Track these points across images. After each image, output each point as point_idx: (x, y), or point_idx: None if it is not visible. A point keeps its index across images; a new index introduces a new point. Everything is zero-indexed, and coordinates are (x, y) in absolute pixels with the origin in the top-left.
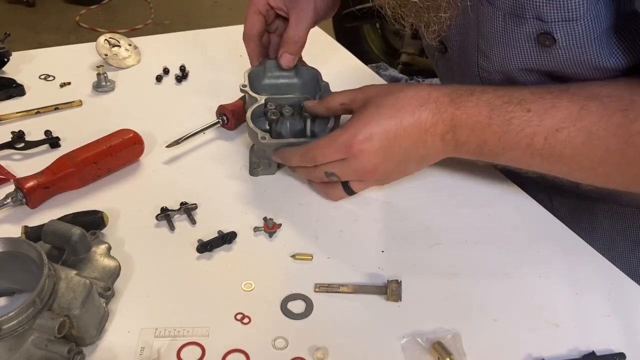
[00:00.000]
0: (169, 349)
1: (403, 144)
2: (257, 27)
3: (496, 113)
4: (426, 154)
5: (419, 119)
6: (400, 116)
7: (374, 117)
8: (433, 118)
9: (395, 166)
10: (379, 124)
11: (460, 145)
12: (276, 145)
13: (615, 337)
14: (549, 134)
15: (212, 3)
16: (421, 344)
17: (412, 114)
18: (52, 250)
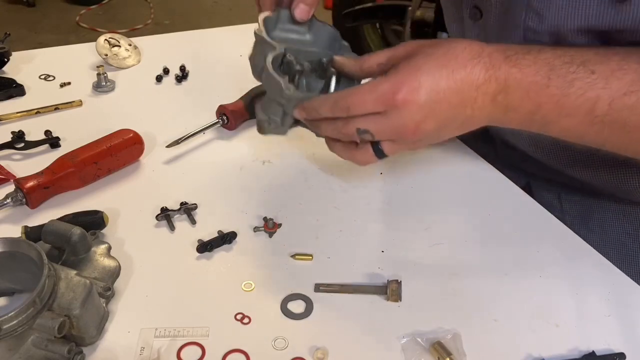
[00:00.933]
0: (169, 349)
1: (452, 99)
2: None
3: (556, 73)
4: (472, 117)
5: (472, 73)
6: (452, 66)
7: (423, 65)
8: (486, 74)
9: (437, 127)
10: (429, 72)
11: (510, 111)
12: (301, 99)
13: (615, 337)
14: (615, 98)
15: (212, 3)
16: (421, 344)
17: (465, 67)
18: (52, 250)
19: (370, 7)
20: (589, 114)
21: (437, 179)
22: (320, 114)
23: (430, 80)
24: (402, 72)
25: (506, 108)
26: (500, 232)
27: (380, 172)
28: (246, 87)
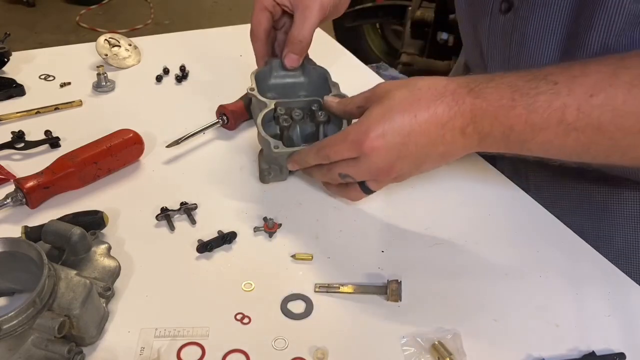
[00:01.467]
0: (169, 349)
1: (419, 141)
2: (263, 25)
3: (519, 93)
4: (446, 151)
5: (435, 113)
6: (414, 110)
7: (387, 112)
8: (450, 111)
9: (412, 165)
10: (392, 119)
11: (484, 137)
12: (289, 154)
13: (615, 337)
14: (582, 102)
15: (212, 3)
16: (421, 344)
17: (427, 108)
18: (52, 250)
19: (370, 7)
20: (561, 123)
21: (437, 179)
22: (308, 163)
23: (394, 126)
24: (367, 120)
25: (479, 136)
26: (500, 232)
27: None
28: (246, 87)
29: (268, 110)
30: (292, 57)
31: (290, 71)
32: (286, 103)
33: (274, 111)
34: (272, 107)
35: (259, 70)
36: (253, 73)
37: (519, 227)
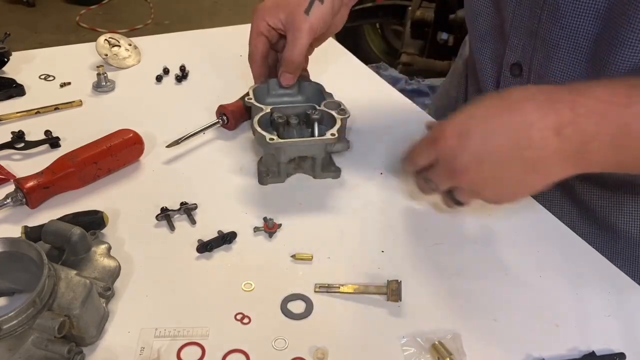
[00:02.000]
0: (169, 349)
1: (500, 141)
2: (260, 49)
3: (638, 89)
4: (536, 158)
5: (521, 110)
6: (497, 110)
7: (468, 112)
8: (541, 110)
9: (493, 170)
10: (471, 118)
11: (587, 141)
12: (284, 145)
13: (615, 337)
14: None
15: (212, 3)
16: (421, 344)
17: (513, 106)
18: (52, 250)
19: (370, 7)
20: None
21: None
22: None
23: (472, 125)
24: (449, 120)
25: (581, 139)
26: (500, 232)
27: (381, 172)
28: (246, 87)
29: (264, 113)
30: (287, 76)
31: (287, 89)
32: (282, 109)
33: (270, 115)
34: (268, 110)
35: (257, 87)
36: (251, 87)
37: (519, 227)
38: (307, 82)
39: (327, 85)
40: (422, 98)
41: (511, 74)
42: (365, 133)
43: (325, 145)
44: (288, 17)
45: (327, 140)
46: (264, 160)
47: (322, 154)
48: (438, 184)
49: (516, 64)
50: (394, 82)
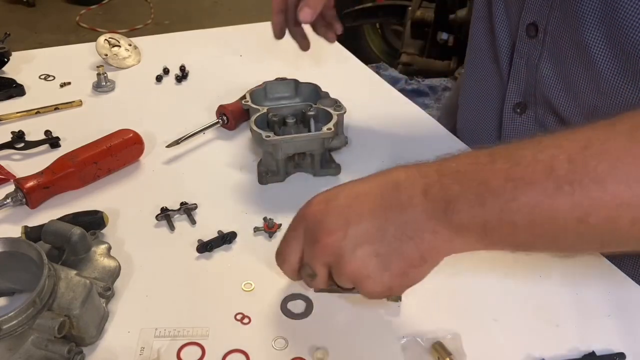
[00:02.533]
0: (169, 349)
1: (369, 203)
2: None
3: (500, 153)
4: (406, 220)
5: (390, 174)
6: (367, 177)
7: (332, 188)
8: (407, 172)
9: (362, 234)
10: (338, 190)
11: (452, 200)
12: (281, 142)
13: (615, 337)
14: (574, 153)
15: (212, 3)
16: (421, 344)
17: (382, 173)
18: (52, 250)
19: (370, 7)
20: (549, 175)
21: None
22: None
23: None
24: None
25: (446, 199)
26: None
27: None
28: (246, 87)
29: (261, 113)
30: (306, 10)
31: (285, 92)
32: (278, 109)
33: (267, 116)
34: (264, 111)
35: (254, 90)
36: (248, 91)
37: None
38: (305, 83)
39: (326, 85)
40: (422, 98)
41: (527, 34)
42: (365, 133)
43: (323, 141)
44: None
45: (324, 135)
46: (263, 160)
47: (320, 149)
48: (311, 264)
49: (532, 24)
50: (394, 82)
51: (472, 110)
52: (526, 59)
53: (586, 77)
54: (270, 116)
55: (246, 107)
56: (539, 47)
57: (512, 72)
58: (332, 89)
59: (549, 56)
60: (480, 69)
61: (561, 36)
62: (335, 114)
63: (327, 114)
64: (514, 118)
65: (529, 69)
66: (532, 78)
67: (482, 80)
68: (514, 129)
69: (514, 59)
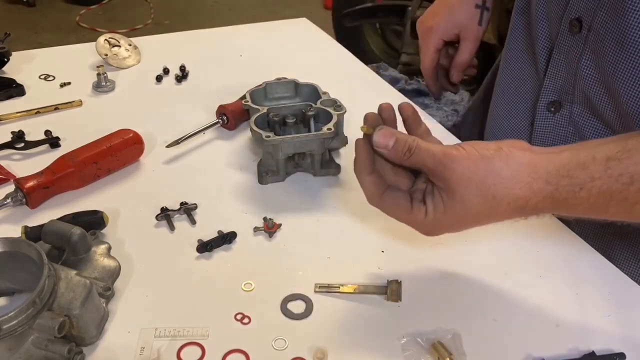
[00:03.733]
0: (169, 349)
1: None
2: (435, 62)
3: (615, 198)
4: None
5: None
6: (486, 221)
7: (458, 221)
8: (535, 193)
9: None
10: (463, 224)
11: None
12: (281, 142)
13: (615, 337)
14: None
15: (212, 3)
16: (421, 344)
17: (502, 219)
18: (52, 250)
19: (370, 7)
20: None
21: None
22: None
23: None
24: (437, 220)
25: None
26: (500, 232)
27: None
28: (246, 87)
29: (261, 113)
30: (459, 74)
31: (285, 92)
32: (278, 109)
33: (267, 116)
34: (264, 111)
35: (254, 90)
36: (248, 91)
37: (519, 227)
38: (304, 83)
39: (326, 86)
40: (422, 98)
41: (569, 30)
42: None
43: (323, 141)
44: (463, 31)
45: (324, 135)
46: (263, 160)
47: (320, 149)
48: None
49: (577, 19)
50: (394, 82)
51: (504, 108)
52: (566, 56)
53: (628, 78)
54: (270, 116)
55: (246, 107)
56: (581, 43)
57: (550, 69)
58: (332, 89)
59: (591, 54)
60: (515, 65)
61: (606, 34)
62: (335, 114)
63: (327, 114)
64: (547, 117)
65: (568, 66)
66: (571, 75)
67: (517, 77)
68: (546, 128)
69: (553, 55)
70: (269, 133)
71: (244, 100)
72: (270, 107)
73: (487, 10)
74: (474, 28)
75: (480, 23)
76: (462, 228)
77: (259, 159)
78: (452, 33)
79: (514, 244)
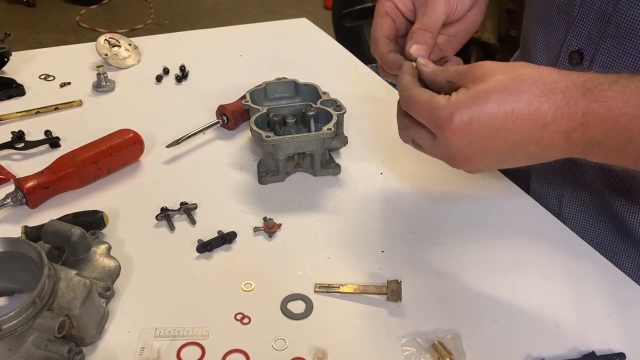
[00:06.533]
0: (169, 349)
1: (509, 138)
2: (384, 28)
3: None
4: (539, 153)
5: (537, 111)
6: (512, 103)
7: (480, 97)
8: (556, 112)
9: (492, 162)
10: (484, 107)
11: (592, 146)
12: (281, 142)
13: (615, 337)
14: None
15: (212, 3)
16: (421, 344)
17: (529, 104)
18: (52, 250)
19: (370, 7)
20: None
21: (437, 179)
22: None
23: (484, 117)
24: (458, 99)
25: (587, 144)
26: (500, 232)
27: (381, 172)
28: (246, 87)
29: (261, 113)
30: (417, 46)
31: (285, 92)
32: (278, 109)
33: (267, 116)
34: (264, 111)
35: (254, 90)
36: (248, 91)
37: (518, 227)
38: (304, 84)
39: (326, 85)
40: None
41: (570, 62)
42: (365, 133)
43: (323, 141)
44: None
45: (324, 135)
46: (263, 160)
47: (320, 149)
48: (427, 152)
49: (577, 51)
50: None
51: None
52: None
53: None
54: (270, 116)
55: (246, 107)
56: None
57: None
58: (332, 88)
59: None
60: None
61: (613, 64)
62: (335, 114)
63: (327, 114)
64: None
65: None
66: None
67: None
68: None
69: None
70: (269, 133)
71: (244, 100)
72: (270, 107)
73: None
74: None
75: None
76: (487, 121)
77: (259, 159)
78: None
79: (514, 244)
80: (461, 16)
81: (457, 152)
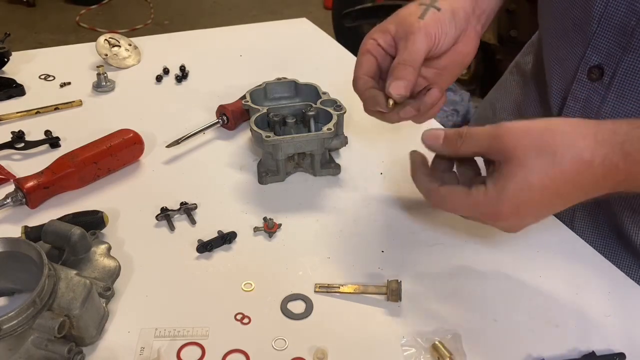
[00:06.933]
0: (169, 349)
1: (557, 207)
2: (365, 66)
3: None
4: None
5: (579, 183)
6: (556, 193)
7: (523, 190)
8: (597, 184)
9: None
10: (530, 200)
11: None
12: (281, 142)
13: (615, 337)
14: None
15: (212, 3)
16: (421, 344)
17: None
18: (52, 250)
19: (370, 7)
20: None
21: None
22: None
23: (531, 206)
24: (501, 195)
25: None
26: (500, 232)
27: (381, 172)
28: (246, 87)
29: (261, 113)
30: (397, 83)
31: (285, 92)
32: (278, 109)
33: (267, 116)
34: (264, 111)
35: (254, 90)
36: (248, 91)
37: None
38: (304, 84)
39: (326, 85)
40: None
41: (588, 77)
42: (365, 133)
43: (323, 141)
44: (398, 26)
45: (324, 135)
46: (263, 160)
47: (320, 149)
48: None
49: (597, 66)
50: None
51: None
52: (583, 104)
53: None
54: (270, 116)
55: (246, 107)
56: (602, 91)
57: (563, 116)
58: (332, 89)
59: (616, 100)
60: (527, 111)
61: (636, 81)
62: (335, 114)
63: (327, 114)
64: None
65: (585, 115)
66: None
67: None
68: None
69: (567, 102)
70: (269, 133)
71: (244, 100)
72: (270, 107)
73: (436, 9)
74: (413, 22)
75: (422, 17)
76: (533, 205)
77: (259, 159)
78: (385, 32)
79: (514, 244)
80: (446, 49)
81: (508, 228)
